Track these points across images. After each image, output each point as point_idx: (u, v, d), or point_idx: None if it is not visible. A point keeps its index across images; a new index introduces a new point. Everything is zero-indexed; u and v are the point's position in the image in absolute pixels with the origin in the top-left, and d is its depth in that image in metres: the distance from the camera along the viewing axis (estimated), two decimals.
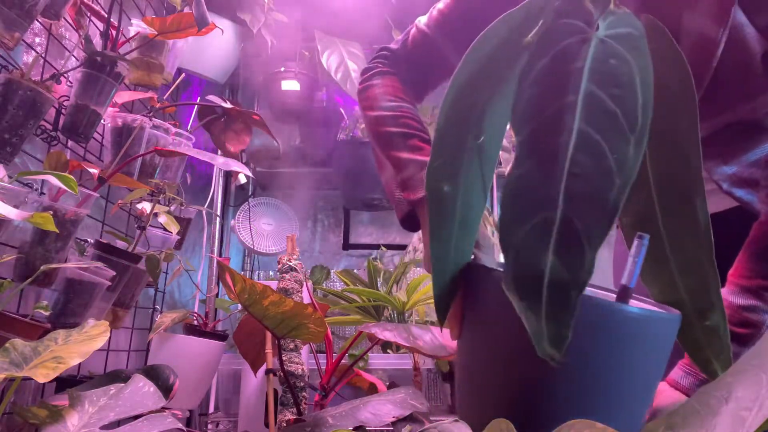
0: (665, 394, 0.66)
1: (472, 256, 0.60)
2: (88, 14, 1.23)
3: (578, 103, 0.41)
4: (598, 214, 0.40)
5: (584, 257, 0.39)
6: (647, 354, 0.49)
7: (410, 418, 0.98)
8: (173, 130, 1.34)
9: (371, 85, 0.86)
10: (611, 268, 1.07)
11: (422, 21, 0.87)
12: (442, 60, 0.85)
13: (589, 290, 0.58)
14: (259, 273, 2.41)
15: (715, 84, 0.69)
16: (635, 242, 0.49)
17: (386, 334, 1.08)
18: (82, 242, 1.20)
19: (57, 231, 0.82)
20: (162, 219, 1.23)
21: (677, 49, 0.46)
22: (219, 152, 1.72)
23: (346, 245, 2.51)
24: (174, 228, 1.23)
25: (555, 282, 0.40)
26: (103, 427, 0.71)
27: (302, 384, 1.10)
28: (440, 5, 0.85)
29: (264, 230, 2.23)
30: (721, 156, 0.77)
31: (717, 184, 0.78)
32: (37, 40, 1.18)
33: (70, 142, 1.22)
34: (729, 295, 0.67)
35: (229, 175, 2.19)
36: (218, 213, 2.10)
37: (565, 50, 0.43)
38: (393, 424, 0.97)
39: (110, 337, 1.32)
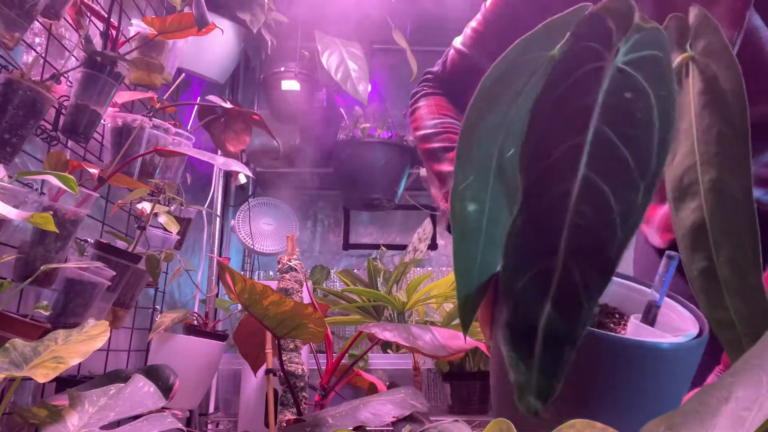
0: None
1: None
2: (88, 14, 1.23)
3: (586, 146, 0.38)
4: (597, 268, 0.38)
5: (581, 312, 0.38)
6: (669, 378, 0.48)
7: (410, 418, 0.98)
8: (173, 130, 1.34)
9: (417, 107, 0.91)
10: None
11: (458, 41, 0.89)
12: (482, 76, 0.87)
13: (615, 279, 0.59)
14: (259, 273, 2.41)
15: None
16: (664, 260, 0.47)
17: (386, 334, 1.08)
18: (82, 242, 1.20)
19: (57, 231, 0.83)
20: (162, 219, 1.23)
21: (728, 46, 0.43)
22: (219, 152, 1.72)
23: (346, 245, 2.52)
24: (174, 228, 1.23)
25: (550, 334, 0.38)
26: (103, 427, 0.71)
27: (302, 384, 1.10)
28: (473, 24, 0.88)
29: (264, 230, 2.23)
30: None
31: None
32: (37, 40, 1.18)
33: (70, 142, 1.22)
34: None
35: (229, 175, 2.19)
36: (218, 213, 2.10)
37: (579, 81, 0.39)
38: (393, 424, 0.97)
39: (110, 337, 1.32)
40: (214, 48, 1.88)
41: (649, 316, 0.50)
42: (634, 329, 0.51)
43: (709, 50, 0.43)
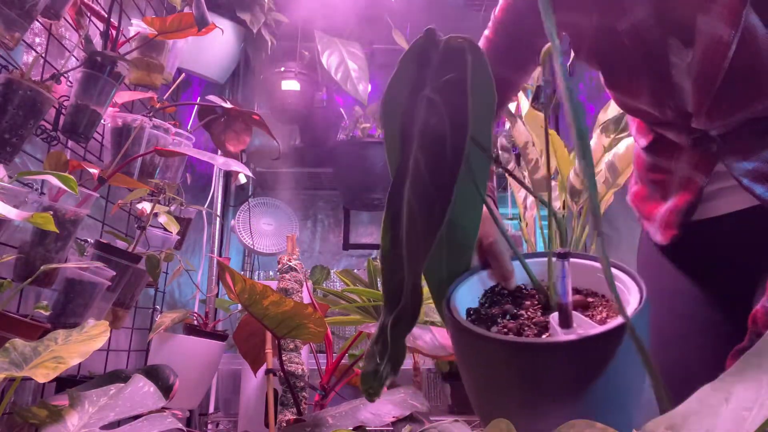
0: None
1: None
2: (88, 14, 1.23)
3: (409, 171, 0.45)
4: (410, 274, 0.44)
5: (413, 311, 0.45)
6: (590, 368, 0.50)
7: (410, 418, 0.98)
8: (173, 130, 1.34)
9: None
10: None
11: None
12: (503, 80, 0.94)
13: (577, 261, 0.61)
14: (259, 273, 2.41)
15: (729, 84, 0.71)
16: (557, 261, 0.52)
17: None
18: (82, 242, 1.20)
19: (57, 231, 0.82)
20: (162, 219, 1.23)
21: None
22: (219, 152, 1.72)
23: (346, 245, 2.51)
24: (174, 228, 1.23)
25: (393, 334, 0.45)
26: (103, 427, 0.71)
27: (302, 384, 1.10)
28: (486, 32, 0.93)
29: (264, 230, 2.23)
30: (741, 151, 0.78)
31: (737, 179, 0.78)
32: (37, 40, 1.18)
33: (70, 142, 1.22)
34: (766, 301, 0.66)
35: (229, 175, 2.19)
36: (218, 213, 2.10)
37: (410, 110, 0.45)
38: (393, 424, 0.97)
39: (110, 337, 1.32)
40: (214, 48, 1.88)
41: (562, 315, 0.52)
42: (551, 328, 0.54)
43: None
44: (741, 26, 0.66)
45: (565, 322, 0.52)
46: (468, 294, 0.62)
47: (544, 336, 0.53)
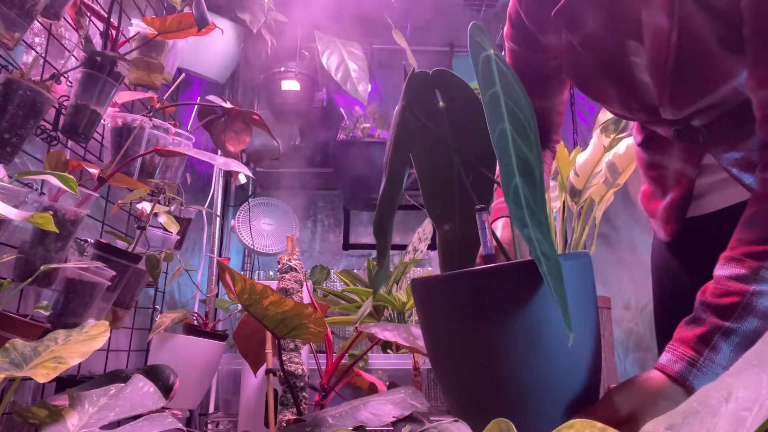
0: (653, 380, 0.64)
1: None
2: (88, 14, 1.23)
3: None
4: None
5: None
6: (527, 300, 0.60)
7: (410, 418, 0.97)
8: (173, 130, 1.34)
9: None
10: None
11: None
12: (538, 109, 1.00)
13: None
14: (259, 273, 2.41)
15: (684, 70, 0.73)
16: (477, 215, 0.66)
17: (386, 334, 1.08)
18: (82, 242, 1.19)
19: (57, 231, 0.82)
20: (162, 219, 1.23)
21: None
22: (219, 152, 1.72)
23: (346, 245, 2.51)
24: (174, 228, 1.23)
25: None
26: (103, 427, 0.71)
27: (302, 384, 1.10)
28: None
29: (264, 230, 2.23)
30: (728, 141, 0.78)
31: (726, 170, 0.79)
32: (37, 40, 1.18)
33: (70, 142, 1.22)
34: (716, 270, 0.67)
35: (229, 175, 2.19)
36: (218, 213, 2.10)
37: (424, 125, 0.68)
38: (393, 424, 0.96)
39: (110, 337, 1.32)
40: (214, 48, 1.87)
41: (487, 262, 0.68)
42: None
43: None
44: (676, 14, 0.69)
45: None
46: None
47: None
